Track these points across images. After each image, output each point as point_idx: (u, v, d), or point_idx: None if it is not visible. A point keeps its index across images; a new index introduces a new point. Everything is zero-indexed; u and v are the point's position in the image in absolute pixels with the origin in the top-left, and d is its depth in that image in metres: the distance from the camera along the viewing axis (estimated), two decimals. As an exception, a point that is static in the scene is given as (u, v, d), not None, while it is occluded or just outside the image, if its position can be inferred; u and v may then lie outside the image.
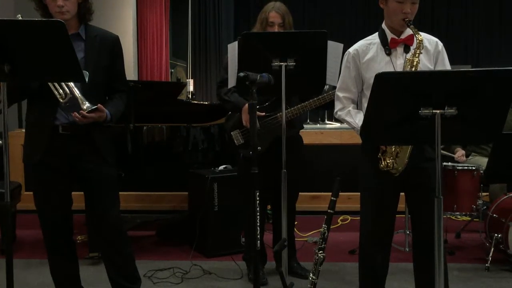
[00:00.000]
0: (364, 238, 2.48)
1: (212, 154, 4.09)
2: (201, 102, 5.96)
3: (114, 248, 2.60)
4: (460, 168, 3.79)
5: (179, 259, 3.67)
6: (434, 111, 1.83)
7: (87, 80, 2.32)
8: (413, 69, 2.25)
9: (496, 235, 3.49)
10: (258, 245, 2.11)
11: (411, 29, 2.25)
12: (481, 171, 3.74)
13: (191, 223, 3.92)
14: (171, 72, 8.12)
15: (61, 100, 2.35)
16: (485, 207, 3.79)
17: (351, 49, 2.43)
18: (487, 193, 4.11)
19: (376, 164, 2.31)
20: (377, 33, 2.41)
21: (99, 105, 2.37)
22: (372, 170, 2.34)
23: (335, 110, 2.49)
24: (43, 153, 2.40)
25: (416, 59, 2.25)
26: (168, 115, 3.40)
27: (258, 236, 2.10)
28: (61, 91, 2.35)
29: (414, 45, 2.30)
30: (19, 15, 2.27)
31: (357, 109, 2.48)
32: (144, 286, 3.20)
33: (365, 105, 2.37)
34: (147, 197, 4.98)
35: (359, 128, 2.31)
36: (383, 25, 2.38)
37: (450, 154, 4.16)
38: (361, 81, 2.41)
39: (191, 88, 7.41)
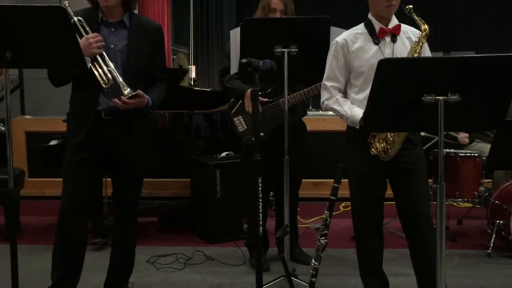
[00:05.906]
0: (358, 225, 2.49)
1: (214, 141, 4.10)
2: (203, 89, 5.93)
3: (126, 233, 2.64)
4: (462, 154, 3.79)
5: (182, 245, 3.69)
6: (437, 97, 1.82)
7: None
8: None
9: (498, 221, 3.50)
10: (261, 231, 2.12)
11: (413, 17, 2.28)
12: (484, 158, 3.74)
13: (193, 210, 3.93)
14: (173, 59, 8.09)
15: (104, 86, 2.36)
16: (487, 193, 3.79)
17: (338, 39, 2.42)
18: (490, 180, 4.11)
19: (364, 151, 2.32)
20: (362, 24, 2.41)
21: (138, 91, 2.38)
22: (361, 157, 2.35)
23: (321, 100, 2.48)
24: (83, 137, 2.42)
25: (419, 48, 2.28)
26: (170, 102, 3.40)
27: (261, 223, 2.11)
28: (104, 77, 2.36)
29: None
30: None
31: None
32: (148, 271, 3.23)
33: (351, 94, 2.40)
34: (149, 183, 4.99)
35: (348, 116, 2.34)
36: (369, 16, 2.39)
37: (453, 134, 4.17)
38: (348, 70, 2.40)
39: (193, 74, 7.39)
